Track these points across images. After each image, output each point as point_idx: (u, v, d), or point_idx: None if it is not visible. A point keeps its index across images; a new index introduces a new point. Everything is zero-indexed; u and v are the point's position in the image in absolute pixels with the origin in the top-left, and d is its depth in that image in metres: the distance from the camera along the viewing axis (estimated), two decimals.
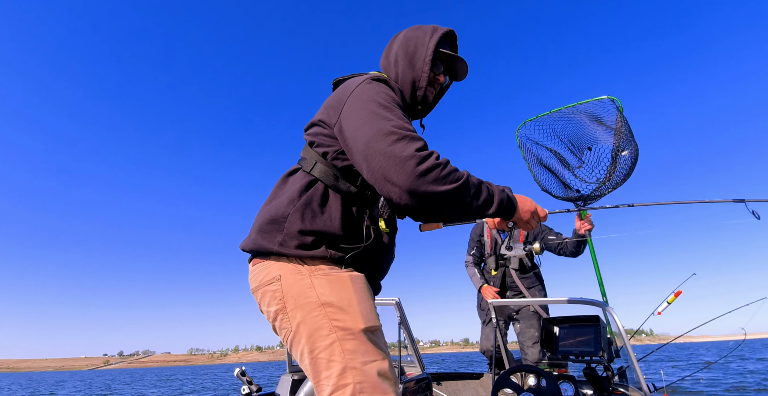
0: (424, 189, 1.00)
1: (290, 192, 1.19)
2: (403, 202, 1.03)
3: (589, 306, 2.90)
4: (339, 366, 1.03)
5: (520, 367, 2.69)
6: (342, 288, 1.11)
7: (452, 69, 1.41)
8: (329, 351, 1.05)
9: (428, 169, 1.00)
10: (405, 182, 1.00)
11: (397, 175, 1.00)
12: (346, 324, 1.07)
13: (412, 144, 1.02)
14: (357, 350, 1.05)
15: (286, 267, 1.13)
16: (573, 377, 2.69)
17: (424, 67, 1.27)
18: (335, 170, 1.20)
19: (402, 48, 1.32)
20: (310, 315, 1.08)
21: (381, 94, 1.15)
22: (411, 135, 1.05)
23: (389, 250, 1.31)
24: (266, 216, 1.19)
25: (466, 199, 1.07)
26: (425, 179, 0.99)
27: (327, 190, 1.19)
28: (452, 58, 1.37)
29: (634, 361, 2.65)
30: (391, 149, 1.01)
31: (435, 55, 1.31)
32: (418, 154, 1.01)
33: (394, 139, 1.02)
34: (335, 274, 1.13)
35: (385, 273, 1.35)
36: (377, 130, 1.05)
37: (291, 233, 1.13)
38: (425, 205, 1.03)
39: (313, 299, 1.08)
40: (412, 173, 0.99)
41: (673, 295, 2.77)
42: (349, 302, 1.09)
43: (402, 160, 1.00)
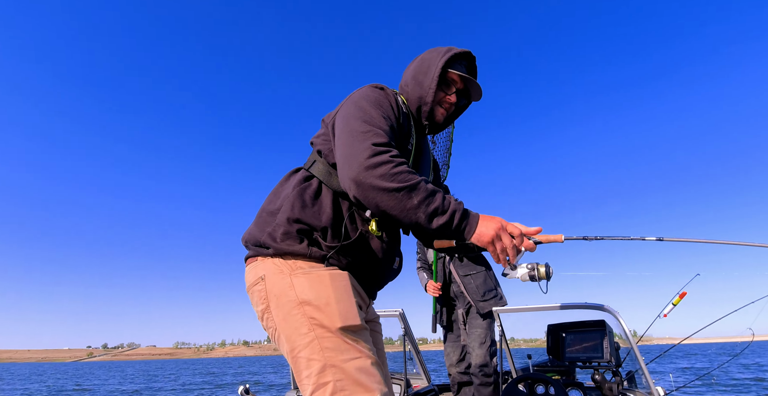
0: (369, 182, 1.01)
1: (287, 188, 1.25)
2: (351, 192, 1.06)
3: (595, 311, 2.88)
4: (318, 364, 1.03)
5: (528, 376, 2.66)
6: (321, 286, 1.11)
7: (466, 91, 1.44)
8: (309, 349, 1.05)
9: (378, 163, 1.01)
10: (352, 172, 1.03)
11: (349, 164, 1.04)
12: (323, 322, 1.06)
13: (373, 138, 1.06)
14: (336, 348, 1.04)
15: (269, 267, 1.15)
16: (581, 384, 2.65)
17: (431, 84, 1.31)
18: (329, 167, 1.24)
19: (417, 68, 1.37)
20: (289, 314, 1.09)
21: (371, 96, 1.21)
22: (375, 131, 1.09)
23: (385, 256, 1.27)
24: (264, 208, 1.26)
25: (416, 202, 1.02)
26: (372, 172, 1.01)
27: (321, 185, 1.22)
28: (464, 80, 1.39)
29: (642, 366, 2.62)
30: (352, 140, 1.07)
31: (444, 75, 1.35)
32: (373, 147, 1.04)
33: (359, 131, 1.08)
34: (315, 272, 1.13)
35: (381, 280, 1.31)
36: (351, 123, 1.12)
37: (280, 222, 1.16)
38: (370, 199, 1.03)
39: (292, 298, 1.10)
40: (361, 164, 1.02)
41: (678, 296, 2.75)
42: (327, 300, 1.09)
43: (357, 151, 1.04)
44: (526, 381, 2.64)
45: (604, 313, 2.84)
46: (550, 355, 2.95)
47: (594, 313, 2.90)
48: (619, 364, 2.69)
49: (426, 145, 1.47)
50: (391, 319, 3.45)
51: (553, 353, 2.91)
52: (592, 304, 2.85)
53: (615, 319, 2.80)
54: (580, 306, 2.90)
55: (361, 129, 1.09)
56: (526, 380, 2.64)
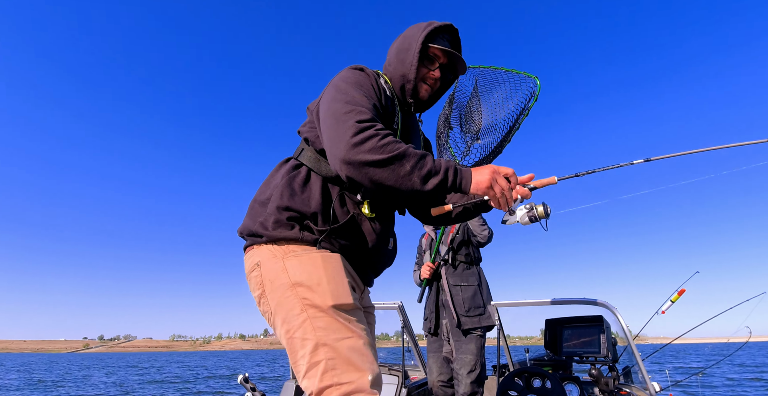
0: (359, 158, 1.01)
1: (278, 176, 1.26)
2: (343, 173, 1.06)
3: (592, 306, 2.89)
4: (311, 343, 1.04)
5: (525, 369, 2.67)
6: (312, 267, 1.13)
7: (452, 64, 1.39)
8: (302, 329, 1.07)
9: (364, 138, 1.02)
10: (341, 152, 1.03)
11: (336, 146, 1.05)
12: (315, 302, 1.08)
13: (356, 116, 1.06)
14: (329, 327, 1.06)
15: (264, 253, 1.18)
16: (578, 378, 2.67)
17: (413, 60, 1.29)
18: (317, 154, 1.26)
19: (399, 46, 1.35)
20: (283, 296, 1.11)
21: (351, 77, 1.21)
22: (357, 109, 1.09)
23: (379, 238, 1.28)
24: (255, 199, 1.27)
25: (406, 168, 1.03)
26: (360, 148, 1.01)
27: (309, 173, 1.24)
28: (447, 54, 1.35)
29: (639, 361, 2.63)
30: (336, 122, 1.08)
31: (425, 51, 1.32)
32: (357, 124, 1.04)
33: (342, 112, 1.08)
34: (306, 254, 1.15)
35: (376, 263, 1.32)
36: (333, 106, 1.12)
37: (271, 211, 1.18)
38: (363, 175, 1.04)
39: (285, 281, 1.12)
40: (347, 143, 1.02)
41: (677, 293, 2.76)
42: (318, 281, 1.11)
43: (342, 132, 1.04)
44: (523, 374, 2.66)
45: (602, 308, 2.85)
46: (548, 349, 2.97)
47: (592, 308, 2.91)
48: (616, 359, 2.71)
49: (414, 123, 1.46)
50: (390, 312, 3.46)
51: (550, 347, 2.93)
52: (590, 300, 2.87)
53: (613, 315, 2.81)
54: (578, 301, 2.92)
55: (344, 110, 1.09)
56: (523, 374, 2.66)
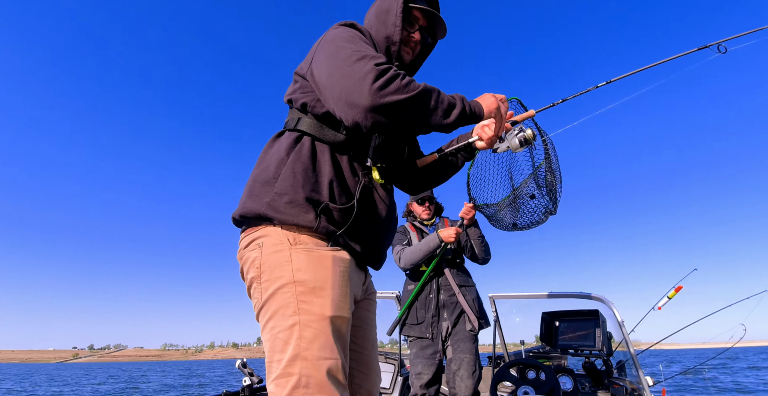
0: (387, 101, 0.96)
1: (278, 152, 1.15)
2: (370, 120, 0.99)
3: (589, 300, 2.91)
4: (291, 352, 0.97)
5: (520, 361, 2.70)
6: (320, 267, 1.04)
7: (431, 27, 1.36)
8: (288, 333, 0.99)
9: (388, 79, 0.97)
10: (365, 99, 0.95)
11: (358, 94, 0.96)
12: (312, 307, 1.00)
13: (371, 61, 0.99)
14: (316, 340, 0.98)
15: (270, 236, 1.08)
16: (572, 370, 2.69)
17: (396, 20, 1.23)
18: (317, 119, 1.17)
19: (377, 8, 1.30)
20: (280, 290, 1.02)
21: (346, 32, 1.14)
22: (369, 54, 1.02)
23: (388, 208, 1.24)
24: (255, 179, 1.15)
25: (432, 103, 1.03)
26: (387, 90, 0.96)
27: (314, 143, 1.16)
28: (427, 14, 1.32)
29: (633, 355, 2.65)
30: (350, 70, 0.99)
31: (407, 11, 1.27)
32: (376, 67, 0.97)
33: (353, 60, 1.00)
34: (318, 251, 1.06)
35: (388, 238, 1.28)
36: (338, 58, 1.03)
37: (281, 191, 1.08)
38: (393, 117, 0.99)
39: (286, 274, 1.03)
40: (371, 89, 0.95)
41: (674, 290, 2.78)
42: (323, 284, 1.03)
43: (360, 78, 0.96)
44: (518, 366, 2.68)
45: (598, 302, 2.87)
46: (543, 341, 2.99)
47: (588, 302, 2.93)
48: (611, 353, 2.73)
49: None
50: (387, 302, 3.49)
51: (546, 340, 2.95)
52: (586, 294, 2.89)
53: (609, 310, 2.84)
54: (575, 295, 2.94)
55: (356, 57, 1.01)
56: (518, 365, 2.68)
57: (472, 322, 2.71)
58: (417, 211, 3.01)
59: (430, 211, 3.00)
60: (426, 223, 3.03)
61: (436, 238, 2.73)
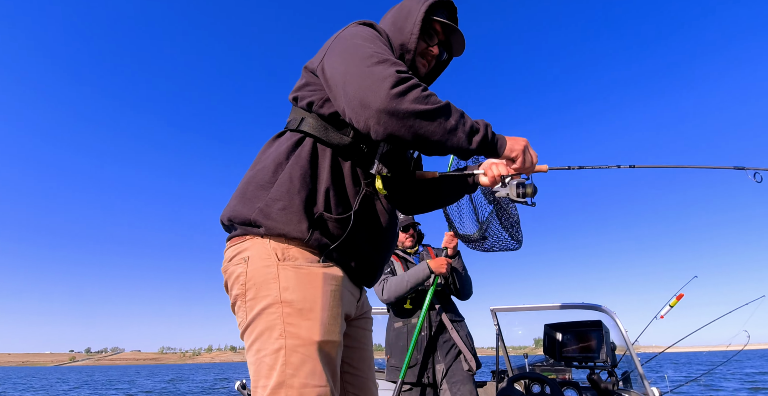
0: (404, 108, 0.91)
1: (276, 154, 1.07)
2: (381, 126, 0.93)
3: (591, 311, 2.89)
4: (276, 379, 0.91)
5: (523, 375, 2.66)
6: (309, 286, 0.97)
7: (448, 42, 1.30)
8: (273, 357, 0.92)
9: (408, 87, 0.92)
10: (383, 102, 0.90)
11: (374, 96, 0.91)
12: (300, 331, 0.94)
13: (392, 67, 0.95)
14: (302, 367, 0.92)
15: (258, 248, 1.00)
16: (577, 383, 2.66)
17: (414, 29, 1.16)
18: (323, 120, 1.09)
19: (395, 15, 1.24)
20: (266, 310, 0.95)
21: (365, 31, 1.08)
22: (392, 60, 0.97)
23: (389, 221, 1.18)
24: (250, 181, 1.07)
25: (453, 122, 0.97)
26: (405, 98, 0.91)
27: (315, 146, 1.08)
28: (447, 29, 1.26)
29: (638, 366, 2.63)
30: (369, 70, 0.94)
31: (426, 22, 1.21)
32: (397, 74, 0.93)
33: (373, 61, 0.95)
34: (307, 268, 0.99)
35: (388, 254, 1.21)
36: (357, 56, 0.98)
37: (275, 197, 1.01)
38: (408, 127, 0.93)
39: (273, 293, 0.96)
40: (389, 92, 0.90)
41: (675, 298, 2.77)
42: (311, 305, 0.96)
43: (379, 80, 0.92)
44: (523, 380, 2.64)
45: (601, 313, 2.85)
46: (547, 354, 2.96)
47: (591, 313, 2.91)
48: (615, 364, 2.70)
49: None
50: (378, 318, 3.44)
51: (549, 352, 2.92)
52: (589, 305, 2.87)
53: (612, 320, 2.82)
54: (577, 306, 2.92)
55: (376, 59, 0.96)
56: (523, 379, 2.65)
57: (469, 362, 2.53)
58: (399, 239, 2.82)
59: (414, 239, 2.82)
60: (409, 252, 2.82)
61: (426, 268, 2.52)
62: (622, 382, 2.80)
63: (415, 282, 2.53)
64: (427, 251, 2.82)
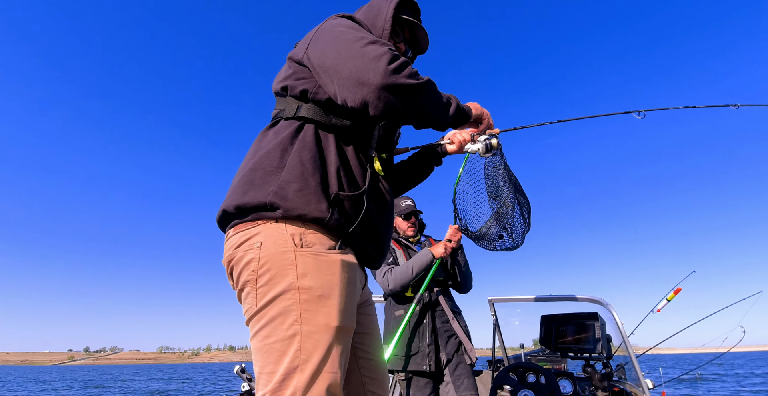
0: (401, 82, 0.97)
1: (278, 141, 1.07)
2: (381, 101, 0.97)
3: (588, 303, 2.91)
4: (288, 365, 0.90)
5: (519, 365, 2.68)
6: (328, 274, 0.97)
7: (414, 40, 1.36)
8: (286, 343, 0.91)
9: (401, 64, 0.98)
10: (380, 79, 0.95)
11: (372, 73, 0.95)
12: (317, 317, 0.93)
13: (384, 46, 1.00)
14: (316, 353, 0.91)
15: (271, 235, 0.98)
16: (572, 374, 2.68)
17: (385, 25, 1.22)
18: (321, 106, 1.11)
19: (365, 13, 1.29)
20: (281, 297, 0.93)
21: (347, 21, 1.12)
22: (381, 41, 1.02)
23: (390, 200, 1.22)
24: (255, 168, 1.05)
25: (437, 95, 1.08)
26: (401, 74, 0.97)
27: (317, 132, 1.10)
28: (412, 26, 1.32)
29: (633, 358, 2.65)
30: (362, 51, 0.98)
31: (395, 20, 1.26)
32: (390, 51, 0.98)
33: (365, 42, 1.00)
34: (326, 255, 0.99)
35: (392, 231, 1.25)
36: (346, 40, 1.02)
37: (290, 178, 1.00)
38: (405, 98, 0.99)
39: (289, 279, 0.94)
40: (386, 69, 0.95)
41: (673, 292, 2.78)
42: (330, 292, 0.95)
43: (375, 58, 0.96)
44: (518, 369, 2.66)
45: (597, 305, 2.87)
46: (543, 345, 2.98)
47: (587, 305, 2.93)
48: (610, 356, 2.71)
49: None
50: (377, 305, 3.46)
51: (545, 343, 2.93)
52: (586, 297, 2.89)
53: (608, 312, 2.84)
54: (574, 298, 2.94)
55: (367, 39, 1.01)
56: (518, 369, 2.66)
57: (470, 353, 2.54)
58: (401, 227, 2.79)
59: (415, 228, 2.79)
60: (411, 240, 2.79)
61: (429, 253, 2.52)
62: (617, 374, 2.82)
63: (419, 268, 2.52)
64: (429, 242, 2.82)
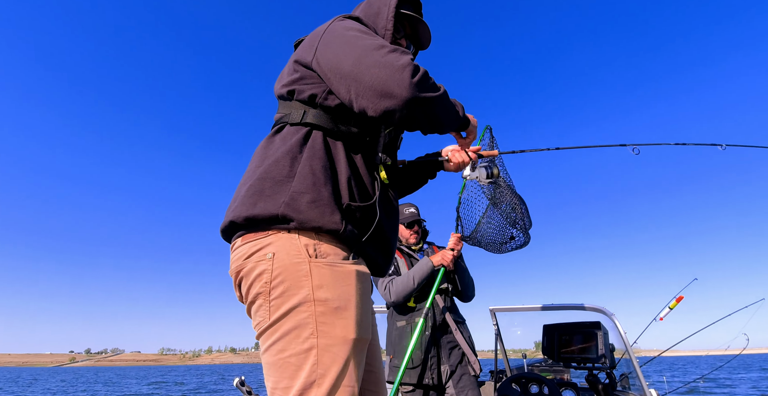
0: (424, 95, 0.97)
1: (287, 148, 1.03)
2: (405, 112, 0.96)
3: (590, 312, 2.89)
4: (305, 380, 0.86)
5: (522, 375, 2.66)
6: (344, 285, 0.94)
7: (415, 35, 1.33)
8: (302, 357, 0.88)
9: (423, 76, 0.97)
10: (406, 91, 0.93)
11: (397, 85, 0.93)
12: (334, 330, 0.90)
13: (405, 55, 0.97)
14: (334, 367, 0.88)
15: (284, 246, 0.94)
16: (575, 384, 2.66)
17: (387, 24, 1.19)
18: (329, 112, 1.08)
19: (364, 10, 1.26)
20: (296, 309, 0.90)
21: (357, 24, 1.09)
22: (401, 49, 0.99)
23: (396, 207, 1.22)
24: (264, 177, 1.00)
25: (451, 104, 1.10)
26: (424, 86, 0.97)
27: (326, 139, 1.06)
28: (414, 22, 1.29)
29: (636, 368, 2.63)
30: (386, 60, 0.94)
31: (397, 16, 1.24)
32: (412, 62, 0.96)
33: (386, 51, 0.96)
34: (341, 266, 0.95)
35: (397, 239, 1.25)
36: (365, 46, 0.98)
37: (301, 189, 0.96)
38: (427, 110, 1.01)
39: (305, 291, 0.90)
40: (411, 82, 0.93)
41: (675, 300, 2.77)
42: (346, 304, 0.92)
43: (399, 69, 0.93)
44: (520, 380, 2.64)
45: (600, 314, 2.85)
46: (545, 355, 2.96)
47: (590, 314, 2.91)
48: (614, 365, 2.70)
49: None
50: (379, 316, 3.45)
51: (548, 353, 2.91)
52: (588, 306, 2.87)
53: (611, 321, 2.82)
54: (576, 307, 2.92)
55: (387, 48, 0.97)
56: (520, 379, 2.65)
57: (473, 365, 2.46)
58: (404, 235, 2.75)
59: (418, 236, 2.74)
60: (414, 249, 2.74)
61: (428, 262, 2.46)
62: (621, 384, 2.80)
63: (420, 277, 2.46)
64: (432, 249, 2.77)
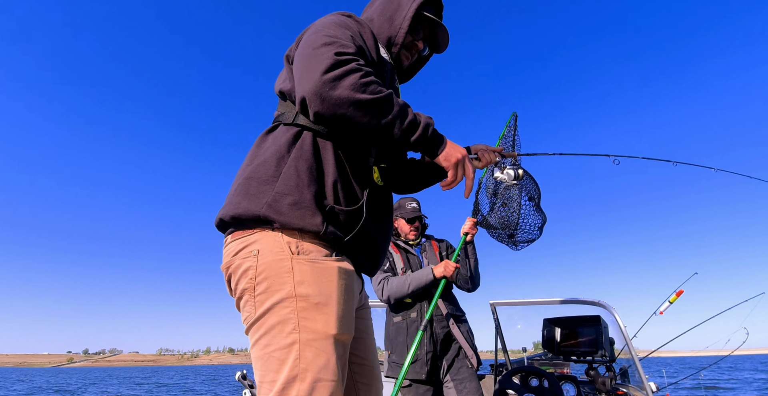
0: (336, 94, 0.89)
1: (275, 148, 1.03)
2: (312, 107, 0.92)
3: (590, 306, 2.90)
4: (288, 374, 0.88)
5: (522, 368, 2.67)
6: (325, 281, 0.95)
7: (433, 38, 1.32)
8: (285, 352, 0.90)
9: (344, 72, 0.90)
10: (312, 84, 0.89)
11: (308, 77, 0.90)
12: (315, 325, 0.92)
13: (335, 48, 0.93)
14: (316, 360, 0.90)
15: (268, 243, 0.96)
16: (575, 378, 2.67)
17: (403, 23, 1.17)
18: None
19: (383, 4, 1.24)
20: (278, 305, 0.92)
21: (338, 18, 1.08)
22: (340, 42, 0.95)
23: (388, 208, 1.19)
24: (251, 176, 1.01)
25: (390, 116, 0.95)
26: (339, 83, 0.89)
27: (315, 140, 1.05)
28: (434, 25, 1.28)
29: (636, 361, 2.64)
30: (312, 52, 0.93)
31: (416, 17, 1.22)
32: (335, 56, 0.91)
33: (320, 43, 0.94)
34: (322, 262, 0.96)
35: (389, 238, 1.22)
36: (311, 40, 0.97)
37: (283, 191, 0.97)
38: (340, 114, 0.91)
39: (287, 287, 0.92)
40: (322, 75, 0.88)
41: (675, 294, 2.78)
42: (327, 300, 0.94)
43: (317, 63, 0.90)
44: (521, 373, 2.65)
45: (600, 308, 2.87)
46: (545, 348, 2.97)
47: (590, 308, 2.92)
48: (613, 359, 2.71)
49: (398, 87, 1.29)
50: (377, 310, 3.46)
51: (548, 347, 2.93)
52: (588, 300, 2.88)
53: (611, 315, 2.83)
54: (576, 301, 2.93)
55: (322, 41, 0.95)
56: (521, 373, 2.66)
57: (470, 359, 2.49)
58: (403, 230, 2.76)
59: (417, 232, 2.76)
60: (411, 243, 2.76)
61: (430, 273, 2.46)
62: (620, 377, 2.81)
63: (416, 286, 2.49)
64: (430, 243, 2.78)
